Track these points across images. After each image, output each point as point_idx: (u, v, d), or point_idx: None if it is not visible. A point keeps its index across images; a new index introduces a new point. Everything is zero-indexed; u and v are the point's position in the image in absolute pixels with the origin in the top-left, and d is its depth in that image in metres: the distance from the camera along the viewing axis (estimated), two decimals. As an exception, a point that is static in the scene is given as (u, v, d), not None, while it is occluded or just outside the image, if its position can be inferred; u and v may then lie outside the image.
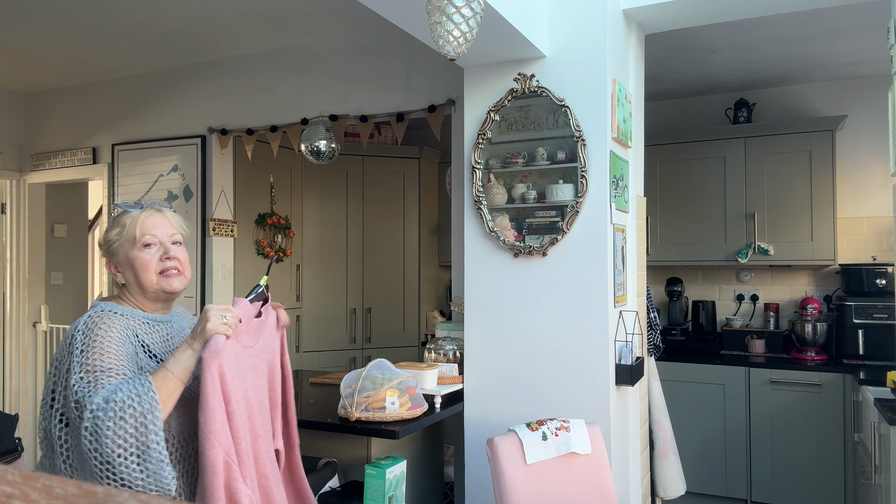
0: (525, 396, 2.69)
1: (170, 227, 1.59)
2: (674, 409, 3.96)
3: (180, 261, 1.58)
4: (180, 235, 1.61)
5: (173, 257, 1.56)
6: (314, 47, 3.72)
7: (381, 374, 2.47)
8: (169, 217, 1.60)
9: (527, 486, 2.15)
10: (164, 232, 1.57)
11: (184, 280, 1.59)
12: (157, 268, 1.55)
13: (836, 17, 3.22)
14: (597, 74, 2.58)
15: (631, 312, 2.79)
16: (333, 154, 3.50)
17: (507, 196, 2.74)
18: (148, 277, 1.54)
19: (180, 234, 1.61)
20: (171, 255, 1.56)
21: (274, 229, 4.34)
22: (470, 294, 2.81)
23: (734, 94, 4.45)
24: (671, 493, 3.06)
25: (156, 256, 1.55)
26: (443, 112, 3.33)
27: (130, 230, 1.55)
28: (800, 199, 3.99)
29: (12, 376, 4.68)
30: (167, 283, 1.56)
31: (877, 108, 4.11)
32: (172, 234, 1.59)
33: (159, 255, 1.55)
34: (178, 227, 1.61)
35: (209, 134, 3.95)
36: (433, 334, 3.91)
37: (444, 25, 1.86)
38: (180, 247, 1.60)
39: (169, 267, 1.56)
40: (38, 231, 4.77)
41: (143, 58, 4.01)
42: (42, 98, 4.72)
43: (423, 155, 4.83)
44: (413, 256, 4.81)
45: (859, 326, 3.82)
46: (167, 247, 1.56)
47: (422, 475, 2.85)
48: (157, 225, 1.56)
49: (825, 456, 3.69)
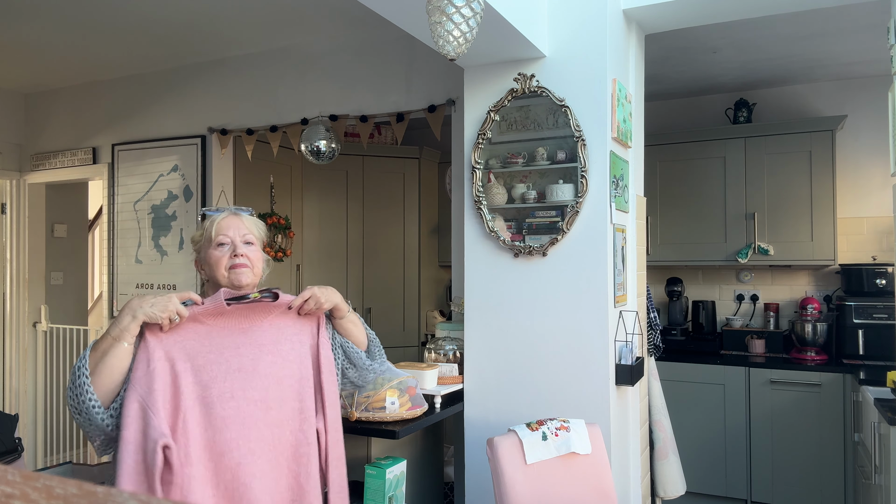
0: (525, 396, 2.69)
1: (242, 228, 1.74)
2: (674, 409, 3.96)
3: (249, 258, 1.73)
4: (253, 236, 1.76)
5: (241, 254, 1.72)
6: (314, 47, 3.72)
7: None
8: (244, 219, 1.77)
9: (527, 486, 2.15)
10: (237, 232, 1.73)
11: (251, 275, 1.73)
12: (228, 263, 1.71)
13: (836, 17, 3.22)
14: (597, 74, 2.58)
15: (631, 312, 2.79)
16: (333, 154, 3.50)
17: (507, 196, 2.74)
18: (220, 272, 1.72)
19: (253, 235, 1.76)
20: (239, 252, 1.71)
21: (274, 229, 4.34)
22: (470, 294, 2.81)
23: (734, 94, 4.45)
24: (671, 493, 3.06)
25: (227, 254, 1.72)
26: (443, 112, 3.33)
27: (208, 231, 1.74)
28: (800, 199, 3.99)
29: (12, 376, 4.68)
30: (235, 276, 1.71)
31: (877, 108, 4.12)
32: (245, 234, 1.74)
33: (230, 253, 1.71)
34: (251, 228, 1.76)
35: (209, 134, 3.95)
36: (433, 334, 3.91)
37: (444, 25, 1.86)
38: (252, 246, 1.75)
39: (238, 264, 1.71)
40: (38, 231, 4.77)
41: (143, 58, 4.01)
42: (42, 98, 4.72)
43: (423, 155, 4.83)
44: (413, 256, 4.81)
45: (859, 326, 3.82)
46: (237, 244, 1.72)
47: (422, 475, 2.85)
48: (230, 226, 1.73)
49: (825, 456, 3.69)
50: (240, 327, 1.68)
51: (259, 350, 1.66)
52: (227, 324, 1.67)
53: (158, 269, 4.11)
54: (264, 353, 1.66)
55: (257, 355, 1.65)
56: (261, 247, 1.80)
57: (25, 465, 3.40)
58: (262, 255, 1.79)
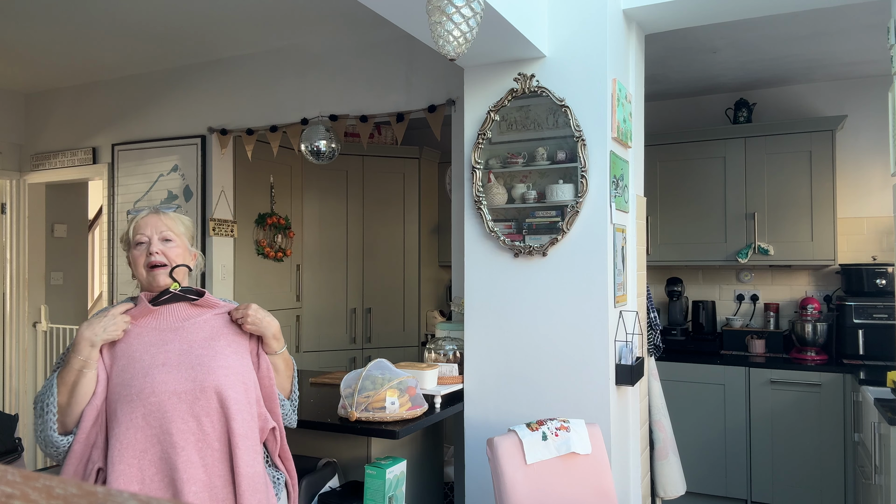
0: (525, 396, 2.69)
1: (161, 225, 1.69)
2: (674, 409, 3.96)
3: (167, 255, 1.68)
4: (172, 232, 1.70)
5: (157, 251, 1.67)
6: (314, 47, 3.72)
7: (381, 374, 2.47)
8: (162, 217, 1.71)
9: (527, 486, 2.15)
10: (154, 229, 1.68)
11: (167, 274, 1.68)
12: (145, 262, 1.67)
13: (836, 17, 3.22)
14: (597, 74, 2.58)
15: (631, 312, 2.79)
16: (333, 154, 3.50)
17: (507, 196, 2.74)
18: (139, 272, 1.69)
19: (172, 231, 1.70)
20: (153, 249, 1.67)
21: (274, 229, 4.34)
22: (470, 294, 2.81)
23: (734, 94, 4.45)
24: (671, 493, 3.06)
25: (144, 252, 1.68)
26: (443, 112, 3.33)
27: (128, 231, 1.70)
28: (800, 199, 3.99)
29: (12, 376, 4.68)
30: (154, 279, 1.68)
31: (877, 108, 4.12)
32: (162, 231, 1.69)
33: (146, 251, 1.67)
34: (170, 225, 1.71)
35: (209, 134, 3.95)
36: (433, 334, 3.91)
37: (444, 25, 1.87)
38: (171, 243, 1.70)
39: (154, 262, 1.67)
40: (38, 231, 4.77)
41: (143, 58, 4.01)
42: (42, 98, 4.72)
43: (423, 155, 4.83)
44: (413, 256, 4.81)
45: (859, 326, 3.82)
46: (153, 242, 1.67)
47: (422, 475, 2.85)
48: (147, 224, 1.69)
49: (825, 456, 3.69)
50: (171, 326, 1.68)
51: (189, 345, 1.65)
52: (159, 324, 1.67)
53: (158, 269, 4.10)
54: (194, 347, 1.65)
55: (186, 349, 1.64)
56: (188, 242, 1.75)
57: (25, 465, 3.40)
58: (186, 251, 1.74)
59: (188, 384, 1.58)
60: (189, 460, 1.54)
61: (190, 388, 1.58)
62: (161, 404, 1.55)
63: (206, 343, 1.67)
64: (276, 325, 1.78)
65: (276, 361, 1.80)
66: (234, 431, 1.60)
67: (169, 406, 1.55)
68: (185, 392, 1.58)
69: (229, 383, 1.63)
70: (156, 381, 1.56)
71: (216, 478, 1.57)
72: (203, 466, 1.56)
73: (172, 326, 1.67)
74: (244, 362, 1.71)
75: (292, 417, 1.88)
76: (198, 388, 1.59)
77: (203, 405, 1.58)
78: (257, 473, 1.65)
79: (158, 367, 1.58)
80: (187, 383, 1.58)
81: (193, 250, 1.79)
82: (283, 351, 1.82)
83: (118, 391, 1.57)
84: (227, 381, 1.62)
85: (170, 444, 1.54)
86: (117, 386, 1.57)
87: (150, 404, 1.54)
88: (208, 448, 1.57)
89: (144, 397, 1.55)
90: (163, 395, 1.55)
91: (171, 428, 1.54)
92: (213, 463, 1.58)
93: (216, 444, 1.59)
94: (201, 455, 1.56)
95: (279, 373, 1.82)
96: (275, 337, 1.77)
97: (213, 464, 1.57)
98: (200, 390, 1.59)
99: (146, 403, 1.54)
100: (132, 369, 1.58)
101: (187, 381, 1.59)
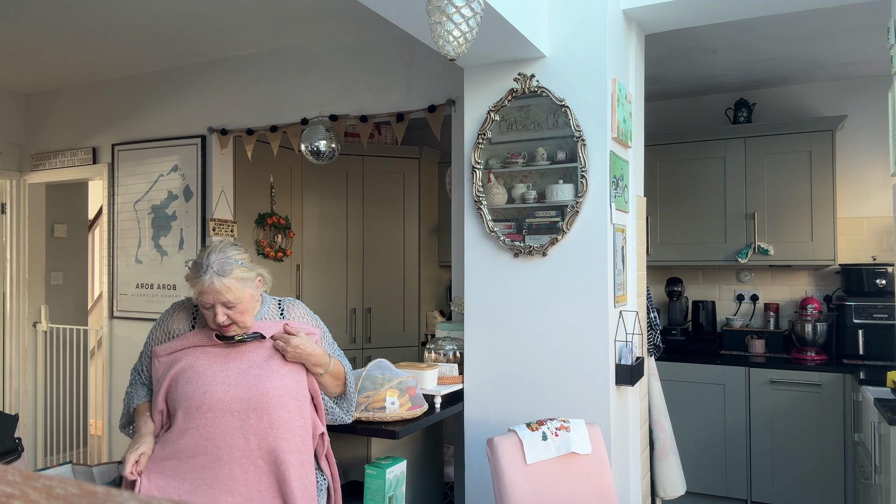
0: (525, 396, 2.69)
1: (222, 296, 1.77)
2: (674, 409, 3.96)
3: (233, 318, 1.79)
4: (234, 296, 1.78)
5: (223, 322, 1.78)
6: (314, 47, 3.72)
7: (381, 374, 2.47)
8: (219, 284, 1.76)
9: (527, 485, 2.15)
10: (217, 299, 1.77)
11: (238, 330, 1.81)
12: (214, 325, 1.80)
13: (836, 17, 3.22)
14: (597, 74, 2.58)
15: (631, 312, 2.79)
16: (333, 154, 3.50)
17: (507, 196, 2.74)
18: (210, 325, 1.83)
19: (234, 295, 1.78)
20: (220, 320, 1.77)
21: (274, 229, 4.34)
22: (470, 294, 2.81)
23: (734, 94, 4.45)
24: (671, 493, 3.06)
25: (210, 316, 1.79)
26: (443, 112, 3.33)
27: (194, 293, 1.81)
28: (800, 199, 3.99)
29: (12, 376, 4.68)
30: (226, 331, 1.82)
31: (877, 108, 4.12)
32: (225, 301, 1.78)
33: (212, 317, 1.78)
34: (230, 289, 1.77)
35: (209, 134, 3.95)
36: (433, 334, 3.91)
37: (444, 25, 1.87)
38: (235, 307, 1.79)
39: (222, 327, 1.79)
40: (38, 231, 4.77)
41: (143, 58, 4.01)
42: (42, 98, 4.72)
43: (423, 155, 4.83)
44: (413, 256, 4.81)
45: (859, 326, 3.82)
46: (218, 313, 1.77)
47: (422, 475, 2.85)
48: (209, 292, 1.77)
49: (825, 456, 3.69)
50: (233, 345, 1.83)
51: (248, 365, 1.79)
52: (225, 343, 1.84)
53: (158, 269, 4.11)
54: (253, 367, 1.79)
55: (245, 369, 1.78)
56: (250, 288, 1.82)
57: (25, 465, 3.40)
58: (250, 298, 1.81)
59: (242, 404, 1.72)
60: (231, 474, 1.69)
61: (243, 407, 1.72)
62: (214, 420, 1.70)
63: (264, 363, 1.80)
64: (318, 354, 1.88)
65: (321, 381, 1.94)
66: (284, 448, 1.74)
67: (221, 423, 1.70)
68: (238, 411, 1.72)
69: (282, 403, 1.76)
70: (214, 398, 1.71)
71: (255, 492, 1.71)
72: (244, 481, 1.70)
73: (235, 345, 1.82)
74: (299, 378, 1.84)
75: (345, 417, 2.05)
76: (251, 408, 1.73)
77: (253, 424, 1.72)
78: (311, 485, 1.80)
79: (218, 385, 1.73)
80: (242, 402, 1.73)
81: (257, 289, 1.86)
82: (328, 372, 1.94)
83: (180, 399, 1.72)
84: (279, 401, 1.76)
85: (216, 457, 1.69)
86: (181, 395, 1.72)
87: (205, 419, 1.70)
88: (251, 464, 1.71)
89: (202, 412, 1.70)
90: (217, 413, 1.70)
91: (220, 442, 1.69)
92: (256, 479, 1.71)
93: (260, 461, 1.72)
94: (244, 470, 1.70)
95: (326, 387, 1.96)
96: (316, 365, 1.89)
97: (254, 479, 1.71)
98: (253, 409, 1.73)
99: (202, 417, 1.70)
100: (195, 383, 1.73)
101: (242, 400, 1.73)
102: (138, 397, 1.90)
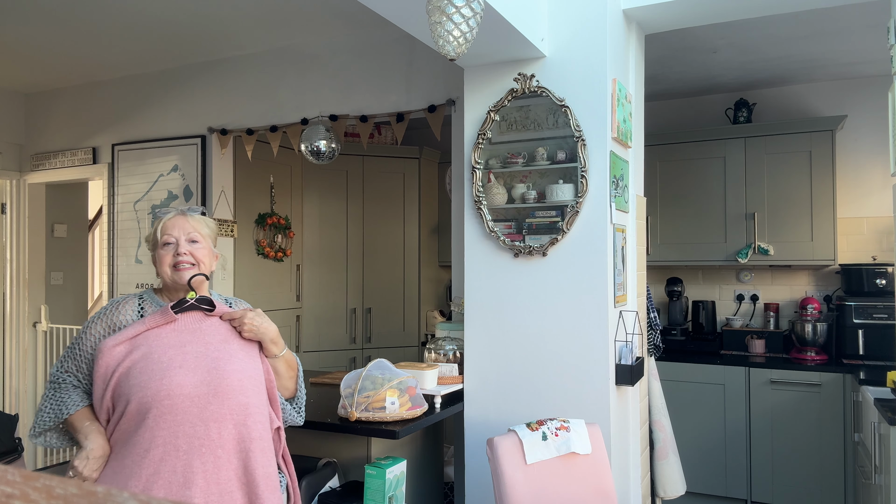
0: (525, 396, 2.69)
1: (188, 227, 1.77)
2: (674, 409, 3.96)
3: (194, 255, 1.76)
4: (199, 234, 1.78)
5: (185, 252, 1.75)
6: (314, 47, 3.72)
7: (381, 374, 2.47)
8: (189, 218, 1.79)
9: (527, 486, 2.15)
10: (182, 231, 1.76)
11: (195, 271, 1.76)
12: (171, 261, 1.75)
13: (836, 17, 3.22)
14: (597, 74, 2.58)
15: (631, 312, 2.79)
16: (333, 154, 3.50)
17: (507, 196, 2.74)
18: (164, 270, 1.76)
19: (199, 233, 1.78)
20: (181, 250, 1.74)
21: (274, 229, 4.34)
22: (470, 294, 2.81)
23: (734, 94, 4.45)
24: (671, 493, 3.06)
25: (171, 252, 1.75)
26: (443, 112, 3.33)
27: (155, 231, 1.79)
28: (800, 199, 3.99)
29: (12, 376, 4.68)
30: (178, 275, 1.75)
31: (877, 108, 4.12)
32: (189, 232, 1.77)
33: (174, 251, 1.75)
34: (196, 227, 1.78)
35: (209, 134, 3.95)
36: (433, 334, 3.91)
37: (444, 25, 1.87)
38: (197, 244, 1.77)
39: (180, 261, 1.74)
40: (38, 231, 4.77)
41: (143, 58, 4.01)
42: (42, 98, 4.72)
43: (423, 155, 4.83)
44: (413, 256, 4.81)
45: (859, 326, 3.82)
46: (181, 243, 1.75)
47: (422, 475, 2.85)
48: (175, 225, 1.77)
49: (825, 456, 3.69)
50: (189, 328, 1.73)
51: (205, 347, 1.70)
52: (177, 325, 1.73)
53: (158, 269, 4.11)
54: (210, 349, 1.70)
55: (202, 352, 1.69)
56: (211, 244, 1.83)
57: (25, 465, 3.40)
58: (210, 252, 1.82)
59: (203, 388, 1.62)
60: (189, 465, 1.56)
61: (204, 391, 1.62)
62: (173, 407, 1.58)
63: (222, 346, 1.72)
64: (274, 330, 1.82)
65: (275, 364, 1.83)
66: (249, 435, 1.65)
67: (180, 409, 1.58)
68: (198, 396, 1.61)
69: (242, 387, 1.67)
70: (172, 383, 1.60)
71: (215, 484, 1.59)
72: (203, 472, 1.58)
73: (190, 328, 1.72)
74: (256, 364, 1.76)
75: (297, 418, 1.93)
76: (211, 392, 1.62)
77: (214, 409, 1.61)
78: (274, 474, 1.71)
79: (175, 368, 1.62)
80: (202, 387, 1.62)
81: (216, 251, 1.86)
82: (283, 354, 1.84)
83: (134, 390, 1.60)
84: (240, 385, 1.67)
85: (174, 447, 1.56)
86: (134, 386, 1.60)
87: (162, 406, 1.58)
88: (211, 454, 1.59)
89: (159, 400, 1.58)
90: (177, 399, 1.59)
91: (178, 431, 1.58)
92: (216, 469, 1.59)
93: (220, 450, 1.61)
94: (202, 461, 1.58)
95: (280, 375, 1.85)
96: (272, 342, 1.81)
97: (213, 470, 1.59)
98: (213, 394, 1.62)
99: (159, 406, 1.58)
100: (150, 370, 1.61)
101: (202, 384, 1.62)
102: (72, 403, 1.69)
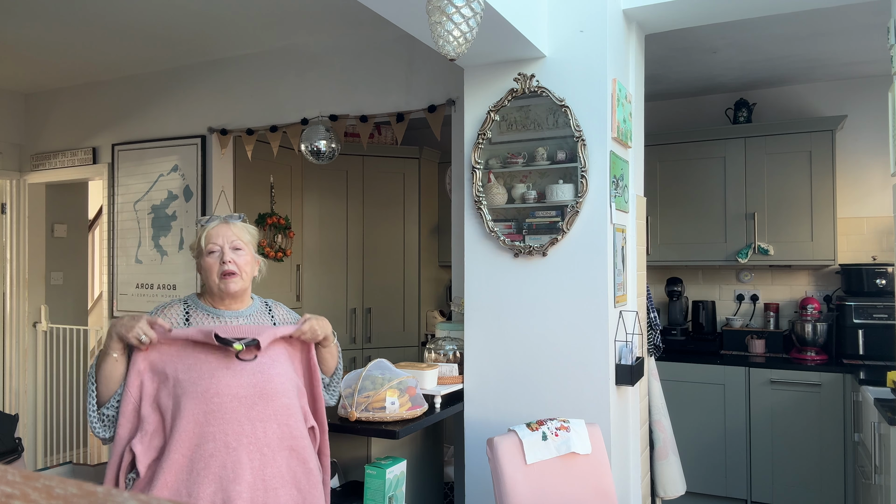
0: (525, 396, 2.69)
1: (231, 235, 1.83)
2: (674, 409, 3.96)
3: (237, 264, 1.82)
4: (241, 241, 1.84)
5: (230, 261, 1.80)
6: (314, 47, 3.72)
7: (381, 374, 2.47)
8: (232, 226, 1.85)
9: (527, 486, 2.15)
10: (226, 239, 1.82)
11: (240, 282, 1.82)
12: (219, 271, 1.80)
13: (836, 17, 3.22)
14: (597, 74, 2.58)
15: (631, 312, 2.79)
16: (333, 154, 3.50)
17: (507, 196, 2.74)
18: (212, 279, 1.81)
19: (241, 241, 1.84)
20: (226, 258, 1.80)
21: (274, 229, 4.34)
22: (470, 294, 2.81)
23: (734, 94, 4.45)
24: (671, 493, 3.06)
25: (217, 261, 1.81)
26: (443, 112, 3.33)
27: (199, 240, 1.84)
28: (800, 199, 3.99)
29: (12, 376, 4.68)
30: (225, 286, 1.81)
31: (877, 108, 4.11)
32: (233, 240, 1.83)
33: (219, 260, 1.80)
34: (239, 235, 1.84)
35: (209, 134, 3.95)
36: (433, 334, 3.91)
37: (444, 25, 1.87)
38: (240, 252, 1.83)
39: (227, 271, 1.80)
40: (38, 231, 4.77)
41: (143, 58, 4.01)
42: (42, 98, 4.72)
43: (423, 155, 4.83)
44: (413, 256, 4.81)
45: (859, 326, 3.82)
46: (225, 251, 1.81)
47: (422, 475, 2.85)
48: (219, 234, 1.82)
49: (825, 456, 3.69)
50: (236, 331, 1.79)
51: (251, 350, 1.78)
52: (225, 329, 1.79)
53: (158, 269, 4.11)
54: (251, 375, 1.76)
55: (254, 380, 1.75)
56: (253, 250, 1.89)
57: (25, 465, 3.40)
58: (253, 259, 1.87)
59: (249, 389, 1.71)
60: (238, 461, 1.66)
61: (250, 393, 1.71)
62: (222, 405, 1.67)
63: (264, 350, 1.79)
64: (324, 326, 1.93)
65: (323, 354, 1.97)
66: (291, 434, 1.75)
67: (229, 408, 1.68)
68: (245, 397, 1.70)
69: (285, 390, 1.76)
70: (220, 383, 1.69)
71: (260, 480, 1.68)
72: (250, 469, 1.67)
73: (237, 331, 1.79)
74: (294, 367, 1.86)
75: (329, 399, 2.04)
76: (257, 394, 1.71)
77: (260, 410, 1.71)
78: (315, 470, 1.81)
79: (223, 369, 1.71)
80: (248, 388, 1.71)
81: (257, 257, 1.92)
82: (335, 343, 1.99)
83: (185, 387, 1.68)
84: (283, 388, 1.76)
85: (224, 444, 1.65)
86: (184, 382, 1.69)
87: (212, 404, 1.67)
88: (258, 452, 1.69)
89: (209, 397, 1.67)
90: (225, 398, 1.68)
91: (227, 429, 1.67)
92: (262, 466, 1.69)
93: (266, 448, 1.70)
94: (250, 458, 1.67)
95: (325, 362, 1.98)
96: (326, 338, 1.93)
97: (260, 467, 1.69)
98: (259, 395, 1.71)
99: (209, 402, 1.67)
100: (199, 369, 1.70)
101: (248, 386, 1.71)
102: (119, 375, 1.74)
